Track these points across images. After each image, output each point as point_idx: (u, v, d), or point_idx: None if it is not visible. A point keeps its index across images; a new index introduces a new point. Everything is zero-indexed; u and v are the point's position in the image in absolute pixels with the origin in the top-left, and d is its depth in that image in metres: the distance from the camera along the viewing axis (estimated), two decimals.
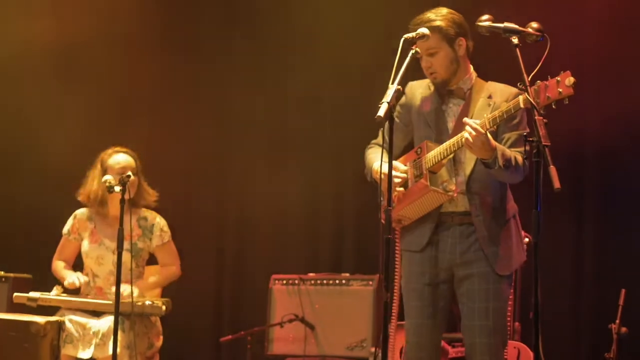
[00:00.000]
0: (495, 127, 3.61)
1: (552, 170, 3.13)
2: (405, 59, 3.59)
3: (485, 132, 3.56)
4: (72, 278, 4.86)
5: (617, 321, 5.00)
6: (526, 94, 3.37)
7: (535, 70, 3.44)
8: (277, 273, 6.10)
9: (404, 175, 3.84)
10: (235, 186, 6.83)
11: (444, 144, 3.75)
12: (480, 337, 3.77)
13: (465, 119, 3.62)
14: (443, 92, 3.92)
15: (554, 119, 3.39)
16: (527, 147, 3.28)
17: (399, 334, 4.75)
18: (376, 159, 3.90)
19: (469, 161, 3.80)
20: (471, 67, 3.94)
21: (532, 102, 3.33)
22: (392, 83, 3.47)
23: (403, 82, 3.73)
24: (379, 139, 4.07)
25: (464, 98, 3.89)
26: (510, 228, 3.85)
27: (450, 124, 3.87)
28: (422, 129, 3.93)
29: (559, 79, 3.36)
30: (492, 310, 3.78)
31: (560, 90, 3.34)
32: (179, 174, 6.71)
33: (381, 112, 3.37)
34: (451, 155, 3.75)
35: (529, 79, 3.40)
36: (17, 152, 6.84)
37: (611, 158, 5.78)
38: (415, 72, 3.82)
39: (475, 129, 3.55)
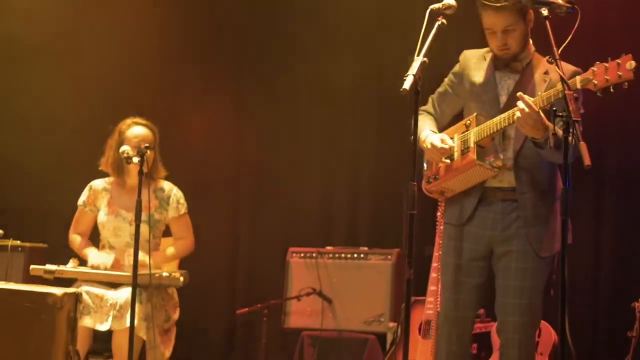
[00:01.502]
0: (549, 105, 3.46)
1: (583, 146, 3.06)
2: (430, 30, 3.51)
3: (538, 110, 3.47)
4: (98, 261, 4.82)
5: None
6: (556, 68, 3.28)
7: (565, 43, 3.37)
8: (294, 246, 6.05)
9: (450, 146, 3.76)
10: (253, 158, 6.78)
11: (495, 119, 3.67)
12: (513, 315, 3.73)
13: (520, 94, 3.52)
14: (499, 64, 3.82)
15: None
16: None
17: (417, 309, 4.73)
18: (424, 126, 3.88)
19: (518, 137, 3.72)
20: (530, 40, 3.83)
21: (562, 76, 3.24)
22: (418, 55, 3.39)
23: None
24: (428, 106, 4.03)
25: (519, 72, 3.80)
26: (556, 209, 3.75)
27: (503, 98, 3.79)
28: (473, 100, 3.86)
29: (619, 61, 3.31)
30: (528, 289, 3.73)
31: (620, 73, 3.30)
32: (195, 146, 6.66)
33: (407, 84, 3.29)
34: (501, 130, 3.68)
35: (559, 52, 3.31)
36: (28, 119, 6.79)
37: (633, 136, 5.70)
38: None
39: (528, 106, 3.46)
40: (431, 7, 3.59)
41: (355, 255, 5.86)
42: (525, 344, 3.76)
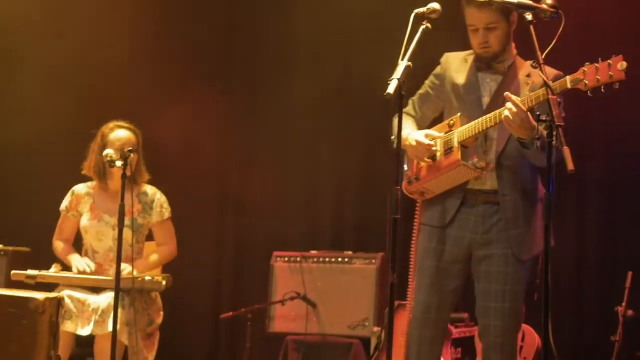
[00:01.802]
0: (536, 105, 3.48)
1: (566, 151, 3.06)
2: (415, 34, 3.50)
3: (527, 110, 3.48)
4: (82, 266, 4.79)
5: (624, 304, 4.96)
6: (540, 72, 3.28)
7: (550, 47, 3.36)
8: (279, 250, 6.03)
9: (433, 143, 3.75)
10: (237, 162, 6.76)
11: (480, 119, 3.67)
12: (495, 319, 3.72)
13: (508, 94, 3.53)
14: (482, 66, 3.84)
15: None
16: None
17: (401, 313, 4.71)
18: (406, 126, 3.85)
19: (500, 138, 3.73)
20: (513, 43, 3.85)
21: (546, 80, 3.24)
22: (402, 59, 3.37)
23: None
24: (409, 108, 4.02)
25: (502, 74, 3.82)
26: (537, 212, 3.75)
27: (485, 99, 3.79)
28: (455, 101, 3.86)
29: (610, 62, 3.34)
30: (509, 293, 3.72)
31: (612, 73, 3.32)
32: (179, 150, 6.63)
33: (390, 88, 3.27)
34: (485, 131, 3.67)
35: (543, 57, 3.31)
36: (11, 123, 6.74)
37: (616, 138, 5.71)
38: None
39: (516, 105, 3.47)
40: (415, 11, 3.58)
41: (340, 260, 5.86)
42: (508, 348, 3.76)
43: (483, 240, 3.75)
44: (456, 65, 3.90)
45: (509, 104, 3.49)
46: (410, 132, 3.84)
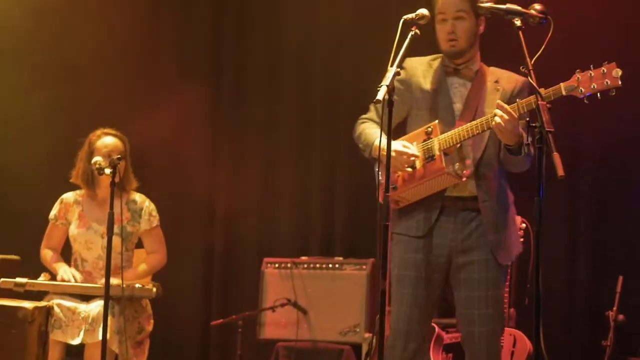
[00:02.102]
0: (527, 113, 3.48)
1: (556, 157, 3.05)
2: (404, 40, 3.50)
3: (517, 117, 3.49)
4: (67, 276, 4.76)
5: (615, 308, 4.96)
6: (529, 77, 3.28)
7: (538, 54, 3.36)
8: (269, 256, 6.02)
9: (416, 153, 3.70)
10: (227, 168, 6.74)
11: (464, 126, 3.65)
12: (480, 326, 3.70)
13: (500, 102, 3.53)
14: (449, 70, 3.82)
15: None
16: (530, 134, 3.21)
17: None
18: (377, 134, 3.78)
19: (476, 145, 3.72)
20: (479, 52, 3.86)
21: (535, 86, 3.24)
22: (391, 65, 3.36)
23: (402, 65, 3.69)
24: (371, 114, 3.96)
25: (470, 80, 3.81)
26: (511, 216, 3.79)
27: (457, 105, 3.78)
28: (423, 108, 3.82)
29: (604, 69, 3.37)
30: (492, 299, 3.71)
31: (607, 81, 3.36)
32: (168, 155, 6.61)
33: (380, 95, 3.26)
34: (470, 138, 3.66)
35: (532, 63, 3.31)
36: (0, 132, 6.71)
37: (608, 144, 5.72)
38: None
39: (509, 113, 3.47)
40: (404, 17, 3.58)
41: (330, 266, 5.85)
42: (493, 354, 3.75)
43: (463, 247, 3.73)
44: (422, 71, 3.87)
45: (499, 111, 3.49)
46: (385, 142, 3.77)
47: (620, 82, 3.35)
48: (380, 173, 3.83)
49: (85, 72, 6.65)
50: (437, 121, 3.73)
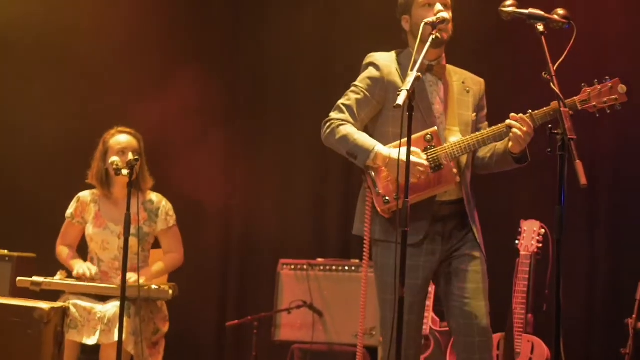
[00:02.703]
0: (540, 124, 3.55)
1: (579, 165, 3.02)
2: (425, 44, 3.47)
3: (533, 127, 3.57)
4: (83, 269, 4.76)
5: (634, 315, 4.91)
6: (552, 83, 3.24)
7: (561, 60, 3.32)
8: (285, 257, 6.00)
9: (427, 164, 3.63)
10: (244, 169, 6.72)
11: (473, 136, 3.66)
12: (479, 319, 3.67)
13: (521, 115, 3.55)
14: (422, 67, 3.52)
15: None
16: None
17: None
18: (373, 140, 3.69)
19: None
20: None
21: (558, 93, 3.21)
22: (412, 69, 3.33)
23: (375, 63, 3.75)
24: (346, 116, 3.78)
25: (440, 78, 3.80)
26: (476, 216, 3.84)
27: (436, 106, 3.75)
28: (405, 108, 3.57)
29: (610, 85, 3.51)
30: (484, 292, 3.71)
31: (616, 97, 3.52)
32: (185, 156, 6.60)
33: (400, 100, 3.22)
34: (479, 148, 3.70)
35: (555, 68, 3.27)
36: (18, 129, 6.72)
37: (626, 151, 5.68)
38: None
39: (527, 125, 3.53)
40: (425, 20, 3.56)
41: (347, 268, 5.82)
42: (490, 347, 3.73)
43: (455, 248, 3.75)
44: (394, 69, 3.77)
45: (516, 123, 3.54)
46: (392, 151, 3.63)
47: (626, 98, 3.52)
48: (376, 182, 3.74)
49: (101, 74, 6.65)
50: (435, 128, 3.68)
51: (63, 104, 6.62)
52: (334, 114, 3.83)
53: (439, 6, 3.67)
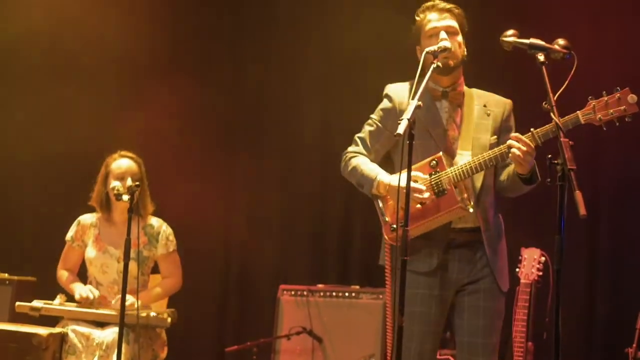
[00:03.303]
0: (541, 142, 3.49)
1: (578, 195, 3.00)
2: (426, 73, 3.48)
3: (534, 147, 3.49)
4: (85, 292, 4.75)
5: (634, 345, 4.88)
6: (552, 114, 3.24)
7: (562, 89, 3.32)
8: (285, 283, 5.99)
9: (425, 189, 3.62)
10: (244, 194, 6.72)
11: (475, 159, 3.61)
12: (484, 355, 3.66)
13: (517, 135, 3.50)
14: (437, 94, 3.73)
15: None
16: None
17: None
18: (377, 169, 3.76)
19: (477, 176, 3.69)
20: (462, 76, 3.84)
21: (559, 123, 3.20)
22: (413, 98, 3.34)
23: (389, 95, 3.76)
24: (359, 148, 3.89)
25: (459, 104, 3.78)
26: (504, 243, 3.80)
27: (451, 132, 3.74)
28: (418, 136, 3.61)
29: (619, 95, 3.38)
30: (496, 328, 3.70)
31: (625, 107, 3.38)
32: (186, 181, 6.59)
33: (401, 129, 3.22)
34: (482, 170, 3.62)
35: (555, 98, 3.27)
36: (21, 152, 6.72)
37: (628, 176, 5.67)
38: None
39: (527, 145, 3.46)
40: (427, 49, 3.56)
41: (347, 294, 5.81)
42: None
43: (470, 279, 3.70)
44: (406, 99, 3.77)
45: (516, 143, 3.47)
46: (392, 178, 3.67)
47: (637, 108, 3.35)
48: (384, 210, 3.77)
49: (112, 103, 6.67)
50: (441, 153, 3.67)
51: (62, 128, 6.61)
52: (350, 147, 3.94)
53: (442, 34, 3.69)
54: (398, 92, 3.84)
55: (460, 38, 3.75)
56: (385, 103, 3.87)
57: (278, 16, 6.84)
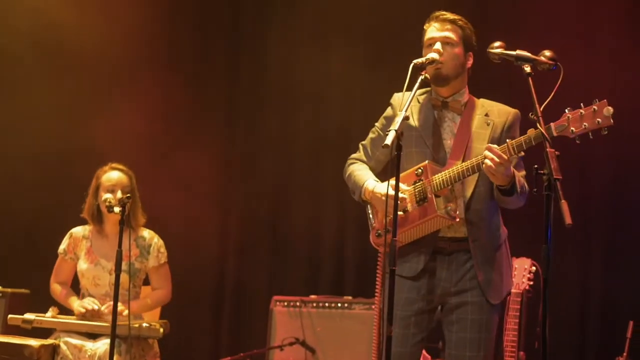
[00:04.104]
0: (518, 153, 3.46)
1: (564, 205, 3.02)
2: (414, 84, 3.50)
3: (509, 158, 3.45)
4: (90, 305, 4.75)
5: (625, 354, 4.91)
6: (538, 124, 3.27)
7: (548, 100, 3.34)
8: (278, 294, 6.00)
9: (405, 197, 3.65)
10: (239, 205, 6.74)
11: (454, 168, 3.60)
12: None
13: (490, 145, 3.48)
14: (437, 103, 3.74)
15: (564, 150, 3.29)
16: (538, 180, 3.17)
17: None
18: (367, 176, 3.80)
19: (468, 183, 3.67)
20: (467, 86, 3.83)
21: (545, 134, 3.22)
22: (400, 110, 3.36)
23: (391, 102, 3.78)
24: (360, 154, 3.95)
25: (460, 113, 3.77)
26: (502, 254, 3.75)
27: (448, 142, 3.74)
28: (413, 145, 3.75)
29: (595, 108, 3.30)
30: (484, 342, 3.67)
31: (599, 120, 3.30)
32: (180, 191, 6.61)
33: (388, 140, 3.25)
34: (462, 180, 3.61)
35: (541, 109, 3.29)
36: (15, 162, 6.72)
37: (619, 189, 5.70)
38: None
39: (499, 156, 3.42)
40: (414, 61, 3.58)
41: (340, 305, 5.82)
42: None
43: (456, 289, 3.69)
44: (411, 106, 3.71)
45: (489, 154, 3.44)
46: (376, 185, 3.73)
47: (612, 121, 3.27)
48: (372, 216, 3.81)
49: (103, 116, 6.68)
50: (427, 162, 3.68)
51: (56, 138, 6.62)
52: (354, 154, 3.99)
53: (437, 45, 3.70)
54: (400, 100, 3.84)
55: (459, 49, 3.74)
56: (387, 111, 3.91)
57: (275, 15, 6.87)
